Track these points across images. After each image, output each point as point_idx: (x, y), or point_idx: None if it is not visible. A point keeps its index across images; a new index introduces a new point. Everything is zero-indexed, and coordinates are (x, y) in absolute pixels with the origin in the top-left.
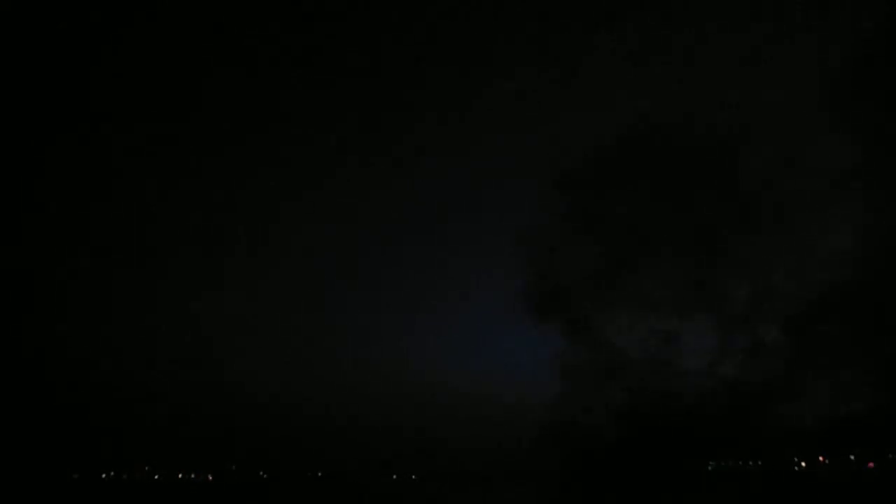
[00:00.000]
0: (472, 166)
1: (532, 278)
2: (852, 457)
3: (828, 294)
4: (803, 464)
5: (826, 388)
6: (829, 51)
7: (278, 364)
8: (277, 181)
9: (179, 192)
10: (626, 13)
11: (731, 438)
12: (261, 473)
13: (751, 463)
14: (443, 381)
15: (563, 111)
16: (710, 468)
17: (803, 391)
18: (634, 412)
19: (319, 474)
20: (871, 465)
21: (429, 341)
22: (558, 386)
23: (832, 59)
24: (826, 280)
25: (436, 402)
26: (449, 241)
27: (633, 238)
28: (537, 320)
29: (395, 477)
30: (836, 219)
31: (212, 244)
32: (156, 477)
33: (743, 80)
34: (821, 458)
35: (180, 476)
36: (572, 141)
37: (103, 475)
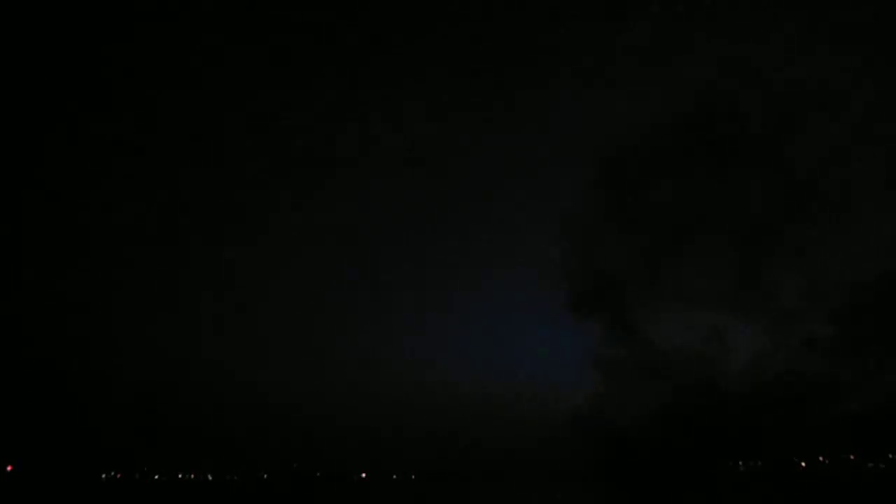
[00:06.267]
0: (504, 155)
1: (570, 272)
2: (852, 456)
3: (881, 284)
4: (803, 464)
5: (881, 385)
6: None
7: (279, 364)
8: (283, 177)
9: (181, 187)
10: None
11: (775, 436)
12: (261, 473)
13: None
14: (444, 381)
15: (610, 98)
16: (753, 467)
17: (856, 388)
18: (675, 410)
19: (319, 474)
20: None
21: (443, 340)
22: (591, 385)
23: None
24: (882, 271)
25: (449, 403)
26: (472, 232)
27: (679, 229)
28: (574, 317)
29: (395, 477)
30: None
31: (214, 241)
32: (156, 477)
33: (800, 66)
34: (820, 458)
35: (180, 476)
36: (618, 128)
37: (103, 475)
